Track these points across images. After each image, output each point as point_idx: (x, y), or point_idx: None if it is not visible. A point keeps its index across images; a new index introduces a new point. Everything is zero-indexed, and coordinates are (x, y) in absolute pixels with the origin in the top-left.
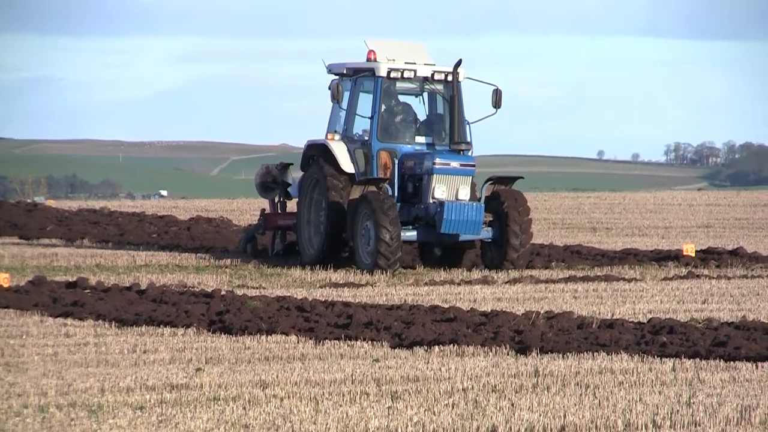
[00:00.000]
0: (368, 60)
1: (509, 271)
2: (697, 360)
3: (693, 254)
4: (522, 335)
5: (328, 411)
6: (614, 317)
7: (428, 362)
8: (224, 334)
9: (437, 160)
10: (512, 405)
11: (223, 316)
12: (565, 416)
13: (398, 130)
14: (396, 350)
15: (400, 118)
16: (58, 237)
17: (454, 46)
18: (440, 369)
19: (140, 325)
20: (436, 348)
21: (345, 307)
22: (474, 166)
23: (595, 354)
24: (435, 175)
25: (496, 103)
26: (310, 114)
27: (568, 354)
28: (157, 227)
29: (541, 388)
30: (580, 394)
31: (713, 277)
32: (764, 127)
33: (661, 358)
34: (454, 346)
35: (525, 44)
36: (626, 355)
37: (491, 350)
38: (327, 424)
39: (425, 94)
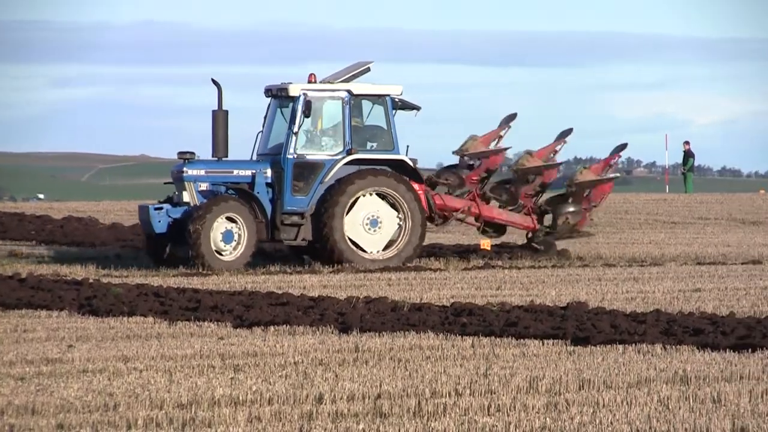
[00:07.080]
0: (309, 82)
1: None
2: (493, 338)
3: (489, 248)
4: (344, 317)
5: (180, 381)
6: (422, 302)
7: (265, 340)
8: (92, 316)
9: (173, 169)
10: (336, 376)
11: (91, 301)
12: (381, 385)
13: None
14: (238, 330)
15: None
16: None
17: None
18: (275, 345)
19: (21, 309)
20: (272, 328)
21: (194, 293)
22: (184, 172)
23: (406, 333)
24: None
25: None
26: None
27: (383, 333)
28: (35, 225)
29: (360, 361)
30: (394, 367)
31: (506, 268)
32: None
33: (462, 336)
34: (286, 326)
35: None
36: (432, 334)
37: (318, 329)
38: (179, 392)
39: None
